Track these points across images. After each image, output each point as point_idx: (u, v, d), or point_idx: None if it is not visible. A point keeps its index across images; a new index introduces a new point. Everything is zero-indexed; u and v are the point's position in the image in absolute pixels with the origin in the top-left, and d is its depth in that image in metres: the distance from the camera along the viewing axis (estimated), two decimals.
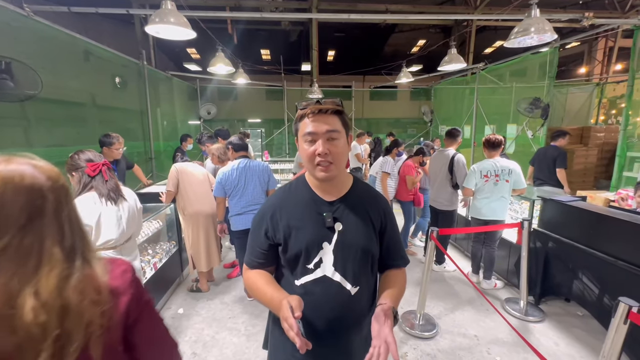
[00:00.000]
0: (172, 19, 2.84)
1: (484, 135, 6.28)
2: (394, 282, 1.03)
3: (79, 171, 1.64)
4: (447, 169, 3.44)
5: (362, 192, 1.05)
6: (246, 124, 9.04)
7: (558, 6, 8.69)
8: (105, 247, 1.67)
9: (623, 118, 3.92)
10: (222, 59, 4.94)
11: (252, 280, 1.02)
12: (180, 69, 11.82)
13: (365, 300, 1.03)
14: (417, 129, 9.77)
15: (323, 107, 0.92)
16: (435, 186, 3.62)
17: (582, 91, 8.04)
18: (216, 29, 7.26)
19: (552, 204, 2.89)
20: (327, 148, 0.91)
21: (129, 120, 5.07)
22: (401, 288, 1.03)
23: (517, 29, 3.00)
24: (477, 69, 6.24)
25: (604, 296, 2.36)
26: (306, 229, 0.97)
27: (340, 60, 13.41)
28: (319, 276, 0.97)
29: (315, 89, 7.32)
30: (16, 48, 2.86)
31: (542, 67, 4.83)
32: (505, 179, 3.08)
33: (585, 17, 3.42)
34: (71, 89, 3.75)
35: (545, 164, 4.20)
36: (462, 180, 3.31)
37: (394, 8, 8.11)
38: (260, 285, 0.99)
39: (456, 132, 3.55)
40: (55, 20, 3.37)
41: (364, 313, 1.03)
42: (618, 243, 2.29)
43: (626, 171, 3.97)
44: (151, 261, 2.88)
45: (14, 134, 3.04)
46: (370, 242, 1.00)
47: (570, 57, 12.04)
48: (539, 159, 4.33)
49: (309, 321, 0.98)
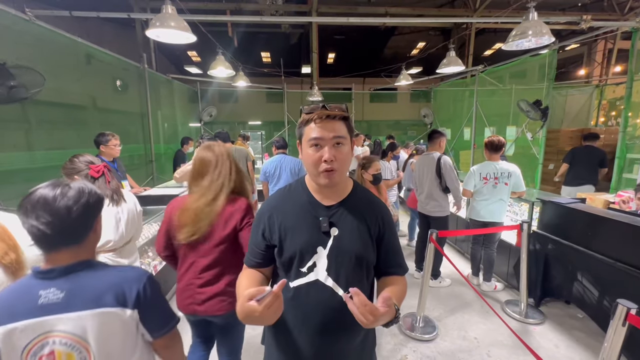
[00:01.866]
0: (173, 23, 2.86)
1: (484, 137, 6.33)
2: (394, 285, 1.01)
3: (81, 174, 1.65)
4: (434, 172, 3.26)
5: (361, 198, 1.04)
6: (246, 127, 9.06)
7: (557, 8, 8.73)
8: (105, 249, 1.68)
9: (622, 120, 3.92)
10: (223, 62, 4.96)
11: (239, 279, 1.03)
12: (181, 72, 11.86)
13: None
14: (417, 131, 9.79)
15: (331, 113, 0.91)
16: (423, 192, 3.38)
17: (581, 93, 8.04)
18: (216, 32, 7.30)
19: (551, 206, 2.90)
20: (333, 154, 0.90)
21: (130, 123, 5.09)
22: (399, 292, 1.00)
23: (515, 32, 3.02)
24: (477, 71, 6.26)
25: (603, 298, 2.35)
26: (301, 232, 0.97)
27: (340, 63, 13.46)
28: (312, 280, 0.96)
29: (315, 91, 7.34)
30: (18, 52, 2.88)
31: (542, 69, 4.83)
32: (505, 182, 3.08)
33: (584, 20, 3.43)
34: (72, 92, 3.78)
35: (590, 164, 4.37)
36: (451, 183, 3.20)
37: (394, 11, 8.15)
38: (240, 289, 0.98)
39: (437, 135, 3.34)
40: (56, 24, 3.40)
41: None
42: (617, 245, 2.29)
43: (626, 173, 3.96)
44: (151, 264, 2.88)
45: (15, 136, 3.05)
46: (366, 249, 0.98)
47: (570, 59, 12.06)
48: (580, 159, 4.46)
49: (301, 324, 0.98)
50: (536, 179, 4.71)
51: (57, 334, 0.82)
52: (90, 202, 0.89)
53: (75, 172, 1.65)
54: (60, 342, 0.82)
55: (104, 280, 0.88)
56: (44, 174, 3.21)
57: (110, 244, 1.68)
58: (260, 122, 9.21)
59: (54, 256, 0.86)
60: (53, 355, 0.82)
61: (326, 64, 13.41)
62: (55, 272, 0.85)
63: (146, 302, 0.90)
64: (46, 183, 0.86)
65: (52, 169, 3.17)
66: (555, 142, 6.35)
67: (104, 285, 0.87)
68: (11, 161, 2.94)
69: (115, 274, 0.91)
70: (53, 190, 0.84)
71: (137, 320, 0.90)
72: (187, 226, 1.46)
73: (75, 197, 0.86)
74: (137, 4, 7.49)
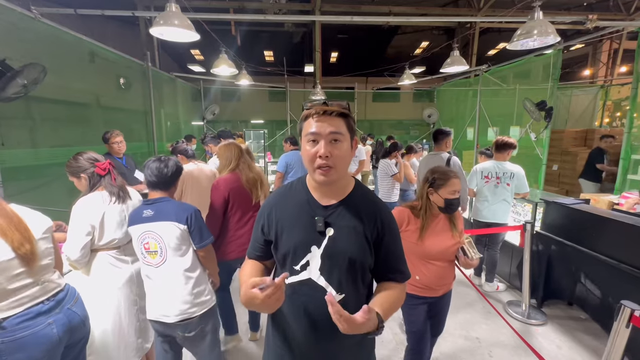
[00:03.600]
0: (177, 21, 2.86)
1: (487, 137, 6.30)
2: (389, 291, 0.98)
3: (87, 172, 1.66)
4: None
5: (361, 199, 1.01)
6: (249, 125, 9.07)
7: (562, 8, 8.66)
8: (109, 247, 1.69)
9: (627, 120, 3.89)
10: (226, 61, 4.97)
11: (242, 269, 1.09)
12: (184, 70, 11.89)
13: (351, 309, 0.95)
14: (420, 131, 9.76)
15: (328, 109, 0.90)
16: None
17: (586, 93, 7.99)
18: (220, 31, 7.30)
19: (555, 207, 2.88)
20: (328, 150, 0.89)
21: (133, 121, 5.11)
22: (393, 299, 0.96)
23: (520, 31, 3.00)
24: (480, 71, 6.23)
25: (606, 299, 2.34)
26: (296, 230, 0.97)
27: (343, 62, 13.44)
28: (304, 278, 0.96)
29: (318, 90, 7.34)
30: (23, 49, 2.90)
31: (546, 69, 4.80)
32: (507, 182, 3.06)
33: (589, 20, 3.41)
34: (76, 90, 3.79)
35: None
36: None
37: (397, 10, 8.12)
38: (243, 278, 1.03)
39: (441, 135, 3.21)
40: (61, 22, 3.41)
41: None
42: (621, 246, 2.28)
43: (630, 174, 3.94)
44: None
45: (19, 134, 3.07)
46: (361, 252, 0.96)
47: (575, 59, 11.98)
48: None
49: (297, 320, 0.99)
50: (539, 180, 4.69)
51: (150, 233, 1.57)
52: (173, 170, 1.68)
53: (81, 170, 1.66)
54: (151, 236, 1.58)
55: (172, 208, 1.61)
56: (48, 171, 3.24)
57: (115, 242, 1.69)
58: (263, 121, 9.22)
59: (152, 193, 1.67)
60: (148, 243, 1.58)
61: (329, 63, 13.39)
62: (151, 202, 1.64)
63: (191, 223, 1.61)
64: (154, 157, 1.68)
65: (56, 166, 3.18)
66: (559, 142, 6.31)
67: (172, 210, 1.60)
68: (16, 158, 2.95)
69: (179, 205, 1.65)
70: (158, 162, 1.66)
71: (187, 233, 1.61)
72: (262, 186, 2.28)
73: (167, 166, 1.66)
74: (141, 2, 7.51)
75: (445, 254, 1.70)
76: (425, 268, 1.71)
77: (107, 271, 1.69)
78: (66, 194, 1.93)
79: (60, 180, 2.49)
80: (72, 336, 1.36)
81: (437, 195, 1.66)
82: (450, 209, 1.66)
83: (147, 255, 1.58)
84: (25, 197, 2.91)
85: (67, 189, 1.87)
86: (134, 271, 1.79)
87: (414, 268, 1.69)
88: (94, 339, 1.69)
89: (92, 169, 1.66)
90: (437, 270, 1.71)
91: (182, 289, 1.61)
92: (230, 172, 2.26)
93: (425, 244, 1.66)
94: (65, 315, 1.32)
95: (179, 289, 1.60)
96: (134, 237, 1.60)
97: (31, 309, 1.23)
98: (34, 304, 1.24)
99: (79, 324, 1.38)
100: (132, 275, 1.78)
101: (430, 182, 1.69)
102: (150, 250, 1.57)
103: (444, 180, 1.65)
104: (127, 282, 1.75)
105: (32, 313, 1.22)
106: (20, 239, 1.20)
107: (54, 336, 1.26)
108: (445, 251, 1.69)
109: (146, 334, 1.90)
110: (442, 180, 1.65)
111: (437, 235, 1.69)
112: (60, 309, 1.32)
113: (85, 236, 1.59)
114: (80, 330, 1.40)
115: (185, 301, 1.60)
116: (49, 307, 1.28)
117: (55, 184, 3.19)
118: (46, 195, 3.14)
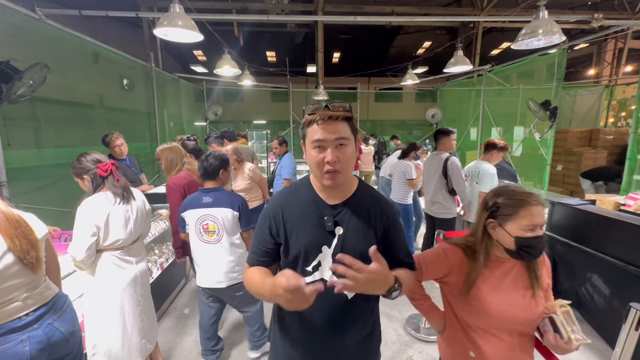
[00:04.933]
0: (180, 22, 2.86)
1: (491, 137, 6.27)
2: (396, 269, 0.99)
3: (90, 173, 1.65)
4: (441, 173, 3.14)
5: (366, 196, 1.03)
6: (251, 126, 9.09)
7: (566, 7, 8.61)
8: (113, 247, 1.69)
9: (633, 120, 3.86)
10: (229, 61, 4.97)
11: (249, 274, 1.02)
12: (187, 71, 11.94)
13: (363, 305, 1.01)
14: (423, 131, 9.73)
15: (333, 114, 0.90)
16: (430, 192, 3.33)
17: (590, 93, 7.93)
18: (222, 32, 7.33)
19: (560, 208, 2.86)
20: (336, 156, 0.90)
21: (136, 121, 5.13)
22: (404, 274, 0.98)
23: (525, 30, 2.97)
24: (484, 71, 6.20)
25: (613, 301, 2.31)
26: (306, 231, 0.97)
27: (346, 62, 13.43)
28: (317, 279, 0.96)
29: (320, 90, 7.33)
30: (28, 50, 2.91)
31: (550, 68, 4.77)
32: (475, 181, 3.03)
33: (595, 19, 3.38)
34: (80, 91, 3.81)
35: None
36: (458, 185, 3.08)
37: (400, 10, 8.10)
38: (255, 277, 0.98)
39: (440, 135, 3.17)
40: (65, 23, 3.43)
41: (362, 317, 1.03)
42: (628, 247, 2.25)
43: (636, 174, 3.90)
44: (158, 261, 2.90)
45: (24, 134, 3.09)
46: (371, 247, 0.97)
47: (579, 58, 11.89)
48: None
49: (307, 321, 0.99)
50: (544, 180, 4.65)
51: (209, 216, 1.95)
52: (220, 161, 2.04)
53: (84, 171, 1.65)
54: (210, 219, 1.95)
55: (227, 197, 2.01)
56: (52, 172, 3.25)
57: (119, 242, 1.69)
58: (266, 121, 9.23)
59: (206, 183, 2.04)
60: (207, 224, 1.95)
61: (331, 63, 13.39)
62: (208, 190, 2.01)
63: (241, 210, 2.01)
64: (207, 153, 2.08)
65: (60, 166, 3.19)
66: (563, 142, 6.26)
67: (227, 199, 1.99)
68: (21, 159, 2.97)
69: (230, 194, 2.06)
70: (202, 158, 2.04)
71: (237, 218, 2.00)
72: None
73: (207, 160, 2.02)
74: (145, 3, 7.54)
75: (516, 322, 1.07)
76: (483, 340, 1.10)
77: (112, 271, 1.69)
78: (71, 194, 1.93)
79: (65, 181, 2.50)
80: (52, 354, 1.24)
81: (503, 231, 1.04)
82: (525, 253, 1.03)
83: (204, 234, 1.97)
84: (30, 197, 2.93)
85: (72, 190, 1.87)
86: (138, 272, 1.79)
87: (466, 338, 1.14)
88: (98, 340, 1.70)
89: (94, 170, 1.65)
90: (503, 348, 1.09)
91: (232, 261, 2.01)
92: (177, 173, 2.44)
93: (483, 303, 1.07)
94: (43, 331, 1.21)
95: (230, 261, 2.01)
96: (192, 218, 1.96)
97: (5, 324, 1.14)
98: (9, 320, 1.15)
99: (61, 341, 1.26)
100: (136, 276, 1.78)
101: (490, 210, 1.07)
102: (208, 230, 1.96)
103: (513, 207, 1.03)
104: (131, 283, 1.75)
105: (4, 329, 1.13)
106: (26, 246, 1.16)
107: (24, 355, 1.15)
108: (516, 318, 1.06)
109: (150, 335, 1.90)
110: (509, 208, 1.03)
111: (504, 291, 1.07)
112: (40, 325, 1.21)
113: (90, 237, 1.59)
114: (62, 347, 1.27)
115: (234, 270, 2.02)
116: (25, 323, 1.18)
117: (59, 184, 3.20)
118: (51, 196, 3.16)
